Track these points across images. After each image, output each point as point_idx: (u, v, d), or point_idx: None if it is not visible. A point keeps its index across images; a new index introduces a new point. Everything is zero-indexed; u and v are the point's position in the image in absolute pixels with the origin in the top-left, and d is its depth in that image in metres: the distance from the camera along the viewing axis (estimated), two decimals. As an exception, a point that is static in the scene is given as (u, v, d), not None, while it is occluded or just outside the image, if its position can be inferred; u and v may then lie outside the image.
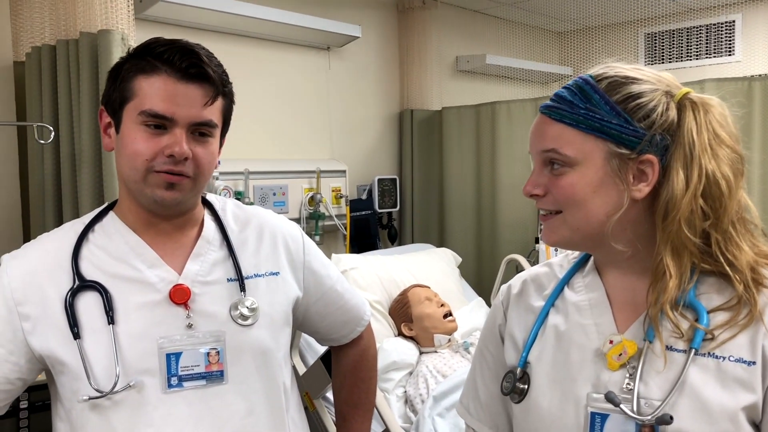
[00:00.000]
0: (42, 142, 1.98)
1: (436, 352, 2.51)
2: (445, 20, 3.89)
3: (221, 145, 1.21)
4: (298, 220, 3.08)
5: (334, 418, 2.24)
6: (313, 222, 3.11)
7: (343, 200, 3.26)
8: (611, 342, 0.96)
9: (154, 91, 1.09)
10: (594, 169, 0.94)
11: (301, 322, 1.38)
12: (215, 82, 1.13)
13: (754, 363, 0.88)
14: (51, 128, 1.97)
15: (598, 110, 0.94)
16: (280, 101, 3.17)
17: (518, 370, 1.04)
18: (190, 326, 1.15)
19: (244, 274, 1.22)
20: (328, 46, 3.34)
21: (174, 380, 1.12)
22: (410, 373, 2.45)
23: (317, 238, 3.10)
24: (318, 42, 3.27)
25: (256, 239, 1.28)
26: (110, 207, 1.23)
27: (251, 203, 2.83)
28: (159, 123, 1.09)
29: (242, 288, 1.20)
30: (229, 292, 1.20)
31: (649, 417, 0.89)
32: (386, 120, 3.72)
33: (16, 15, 2.25)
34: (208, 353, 1.15)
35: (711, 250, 0.93)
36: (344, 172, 3.30)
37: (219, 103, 1.15)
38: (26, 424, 1.65)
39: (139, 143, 1.09)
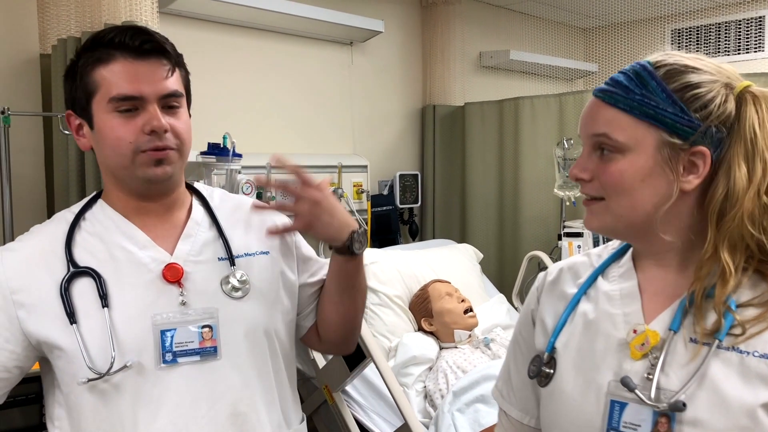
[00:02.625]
0: (67, 132, 2.01)
1: (456, 347, 2.50)
2: (469, 15, 3.87)
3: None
4: (319, 215, 3.08)
5: (354, 412, 2.26)
6: (335, 217, 3.11)
7: (364, 195, 3.26)
8: (635, 331, 0.96)
9: (117, 76, 1.12)
10: (644, 157, 0.92)
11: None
12: (170, 54, 1.16)
13: None
14: (76, 119, 1.99)
15: (653, 97, 0.92)
16: (303, 96, 3.18)
17: (545, 355, 1.05)
18: (183, 303, 1.17)
19: (234, 253, 1.24)
20: (351, 41, 3.35)
21: (168, 356, 1.15)
22: (430, 368, 2.45)
23: (338, 232, 3.10)
24: (341, 37, 3.27)
25: (245, 221, 1.31)
26: (98, 195, 1.26)
27: (273, 198, 2.84)
28: (130, 106, 1.12)
29: (232, 263, 1.23)
30: (221, 269, 1.22)
31: (664, 404, 0.89)
32: (408, 115, 3.71)
33: (43, 9, 2.28)
34: (201, 329, 1.17)
35: (759, 248, 0.91)
36: (366, 167, 3.30)
37: (178, 73, 1.18)
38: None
39: (118, 129, 1.12)
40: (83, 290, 1.15)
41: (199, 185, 1.34)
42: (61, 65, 2.14)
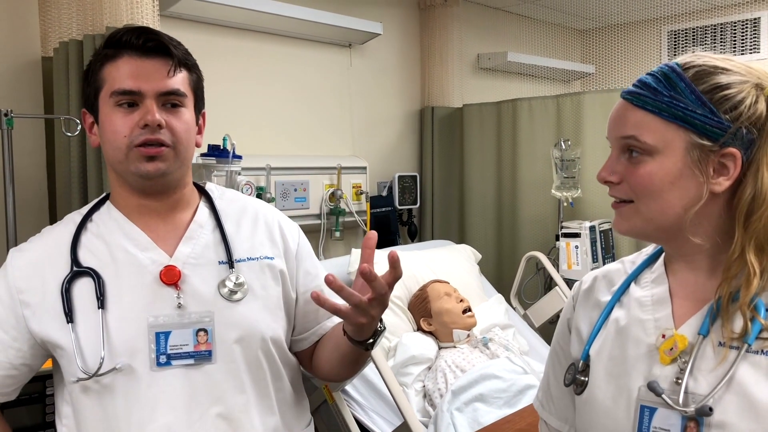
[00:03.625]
0: (69, 134, 2.02)
1: (454, 347, 2.51)
2: (467, 17, 3.89)
3: (202, 123, 1.28)
4: (318, 216, 3.10)
5: (354, 412, 2.27)
6: (334, 218, 3.13)
7: (363, 196, 3.28)
8: (663, 336, 0.95)
9: (120, 72, 1.16)
10: (674, 160, 0.91)
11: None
12: (175, 54, 1.19)
13: None
14: (78, 121, 2.00)
15: (682, 99, 0.91)
16: (302, 98, 3.20)
17: (580, 363, 1.04)
18: (180, 306, 1.18)
19: (238, 257, 1.25)
20: (350, 44, 3.36)
21: (162, 358, 1.16)
22: (429, 368, 2.46)
23: (337, 233, 3.12)
24: (340, 39, 3.29)
25: (251, 225, 1.31)
26: (107, 197, 1.29)
27: (273, 199, 2.86)
28: (130, 100, 1.16)
29: (231, 267, 1.24)
30: (220, 273, 1.23)
31: (691, 408, 0.88)
32: (407, 117, 3.73)
33: (44, 12, 2.29)
34: (197, 333, 1.18)
35: None
36: (365, 168, 3.32)
37: (184, 74, 1.21)
38: (52, 410, 1.68)
39: (116, 123, 1.16)
40: (83, 290, 1.17)
41: (210, 186, 1.35)
42: (62, 68, 2.15)
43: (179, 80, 1.19)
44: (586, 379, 1.03)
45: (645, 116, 0.93)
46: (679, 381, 0.91)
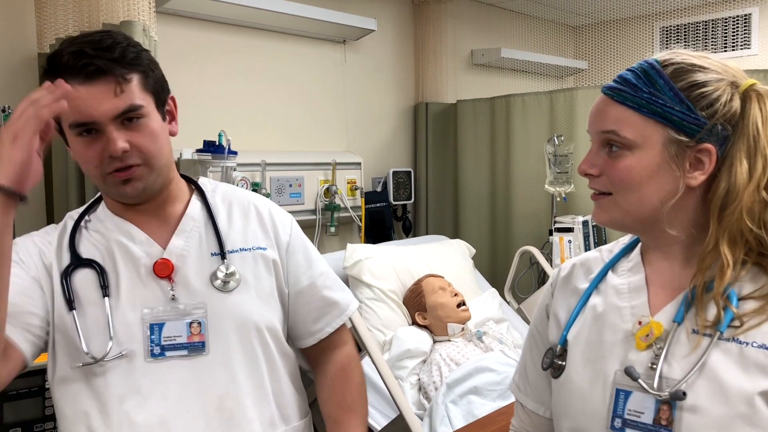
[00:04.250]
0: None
1: (449, 340, 2.54)
2: (460, 14, 3.91)
3: (174, 110, 1.25)
4: (313, 212, 3.12)
5: None
6: (329, 213, 3.15)
7: (358, 192, 3.30)
8: (640, 323, 0.99)
9: (69, 102, 1.07)
10: (652, 154, 0.94)
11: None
12: (115, 70, 1.12)
13: None
14: (75, 118, 2.01)
15: (661, 95, 0.94)
16: (297, 94, 3.21)
17: (558, 348, 1.08)
18: (173, 298, 1.20)
19: (230, 248, 1.27)
20: (344, 40, 3.38)
21: (156, 349, 1.18)
22: (424, 361, 2.48)
23: (332, 229, 3.14)
24: (334, 35, 3.30)
25: (244, 216, 1.33)
26: (101, 198, 1.31)
27: (268, 195, 2.88)
28: (88, 129, 1.12)
29: (223, 258, 1.25)
30: (212, 264, 1.25)
31: (665, 393, 0.92)
32: (401, 113, 3.75)
33: (40, 7, 2.30)
34: (190, 324, 1.20)
35: (758, 242, 0.94)
36: (359, 164, 3.33)
37: (135, 82, 1.14)
38: (52, 403, 1.70)
39: (83, 154, 1.15)
40: (85, 280, 1.20)
41: (202, 180, 1.36)
42: (59, 64, 2.16)
43: (131, 94, 1.14)
44: (564, 363, 1.06)
45: (625, 112, 0.96)
46: (654, 366, 0.95)
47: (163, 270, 1.21)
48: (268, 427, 1.25)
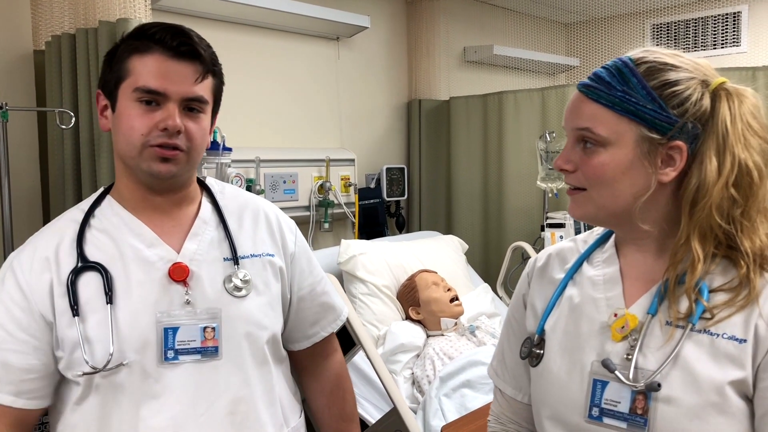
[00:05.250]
0: (63, 127, 2.03)
1: (442, 335, 2.56)
2: (453, 11, 3.93)
3: (213, 124, 1.27)
4: (307, 208, 3.14)
5: None
6: (323, 210, 3.16)
7: (351, 188, 3.31)
8: (615, 315, 1.02)
9: (148, 68, 1.14)
10: (625, 151, 0.97)
11: None
12: (205, 60, 1.19)
13: (745, 341, 0.93)
14: (72, 114, 2.02)
15: (634, 94, 0.96)
16: (291, 91, 3.23)
17: (536, 337, 1.11)
18: (188, 302, 1.19)
19: (240, 253, 1.26)
20: (338, 37, 3.39)
21: (170, 353, 1.17)
22: (417, 356, 2.51)
23: (326, 225, 3.16)
24: (328, 32, 3.31)
25: (253, 222, 1.33)
26: (106, 192, 1.28)
27: (262, 191, 2.89)
28: (152, 99, 1.14)
29: (236, 263, 1.25)
30: (225, 269, 1.24)
31: (641, 384, 0.95)
32: (395, 110, 3.76)
33: (36, 4, 2.30)
34: (204, 329, 1.19)
35: (726, 236, 0.96)
36: (353, 160, 3.35)
37: (209, 80, 1.21)
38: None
39: (135, 119, 1.15)
40: (91, 285, 1.17)
41: (210, 181, 1.36)
42: (55, 62, 2.17)
43: (204, 87, 1.19)
44: (542, 352, 1.09)
45: (599, 109, 0.98)
46: (629, 357, 0.98)
47: (180, 274, 1.19)
48: (279, 429, 1.27)
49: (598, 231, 1.16)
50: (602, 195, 1.00)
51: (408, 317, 2.68)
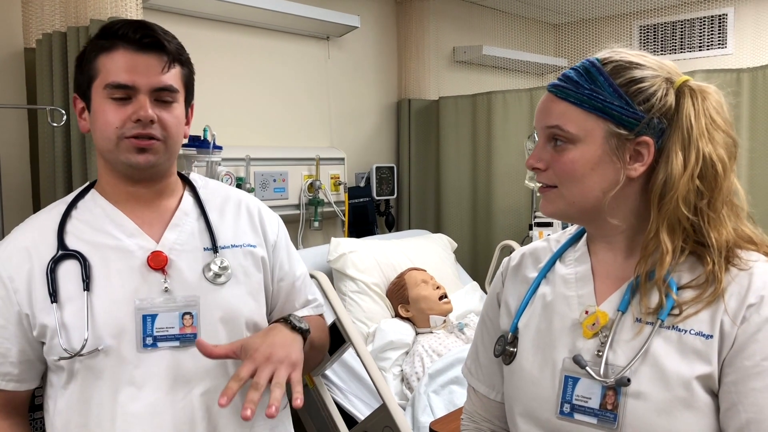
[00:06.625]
0: (55, 125, 2.04)
1: (431, 332, 2.58)
2: (443, 11, 3.95)
3: (190, 114, 1.30)
4: (297, 206, 3.15)
5: (334, 396, 2.32)
6: (313, 208, 3.18)
7: (341, 187, 3.33)
8: (587, 312, 1.04)
9: (115, 64, 1.18)
10: (594, 147, 0.99)
11: None
12: (170, 50, 1.22)
13: (711, 337, 0.95)
14: (63, 111, 2.03)
15: (601, 91, 0.98)
16: (281, 90, 3.24)
17: (509, 335, 1.13)
18: (166, 290, 1.22)
19: (221, 244, 1.29)
20: (328, 36, 3.40)
21: (149, 340, 1.20)
22: (407, 353, 2.53)
23: (316, 223, 3.17)
24: (318, 32, 3.33)
25: (234, 213, 1.36)
26: (91, 186, 1.32)
27: (252, 189, 2.90)
28: (123, 94, 1.18)
29: (215, 252, 1.28)
30: (204, 259, 1.27)
31: (611, 379, 0.97)
32: (384, 109, 3.78)
33: (26, 2, 2.30)
34: (182, 316, 1.22)
35: (694, 230, 0.99)
36: (343, 159, 3.37)
37: (177, 69, 1.24)
38: (41, 392, 1.71)
39: (109, 114, 1.18)
40: (70, 273, 1.20)
41: (193, 176, 1.39)
42: (46, 60, 2.17)
43: (172, 76, 1.22)
44: (515, 350, 1.11)
45: (568, 107, 1.01)
46: (600, 354, 1.00)
47: (158, 262, 1.22)
48: (258, 416, 1.27)
49: (570, 230, 1.19)
50: (572, 191, 1.02)
51: (397, 315, 2.70)
